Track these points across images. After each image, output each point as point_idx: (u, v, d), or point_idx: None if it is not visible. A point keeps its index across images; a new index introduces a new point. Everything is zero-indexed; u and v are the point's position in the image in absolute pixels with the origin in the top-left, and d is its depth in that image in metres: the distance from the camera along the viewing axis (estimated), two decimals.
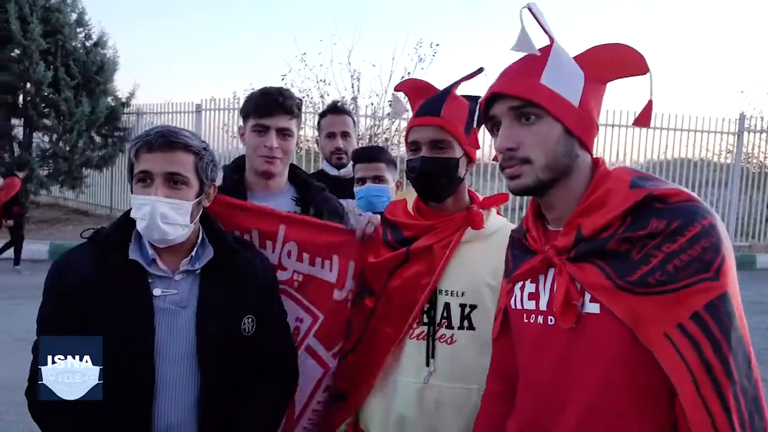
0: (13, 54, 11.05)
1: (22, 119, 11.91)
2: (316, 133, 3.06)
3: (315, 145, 2.23)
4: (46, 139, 12.28)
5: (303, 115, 2.09)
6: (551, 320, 1.15)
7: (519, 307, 1.25)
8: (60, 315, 1.42)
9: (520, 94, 1.14)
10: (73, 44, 11.93)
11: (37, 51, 10.97)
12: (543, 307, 1.18)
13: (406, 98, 1.78)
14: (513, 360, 1.32)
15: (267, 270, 1.68)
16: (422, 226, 1.72)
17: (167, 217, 1.41)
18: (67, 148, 11.82)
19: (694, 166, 11.48)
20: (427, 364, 1.67)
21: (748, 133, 11.63)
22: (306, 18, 31.21)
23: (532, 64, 1.14)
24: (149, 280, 1.46)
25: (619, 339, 1.05)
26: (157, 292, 1.45)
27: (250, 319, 1.55)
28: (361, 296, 1.81)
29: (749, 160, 12.17)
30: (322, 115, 2.98)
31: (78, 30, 12.25)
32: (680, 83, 44.17)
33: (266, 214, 1.83)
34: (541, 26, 1.13)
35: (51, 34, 11.42)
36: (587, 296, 1.09)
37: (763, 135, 11.89)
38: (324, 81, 12.48)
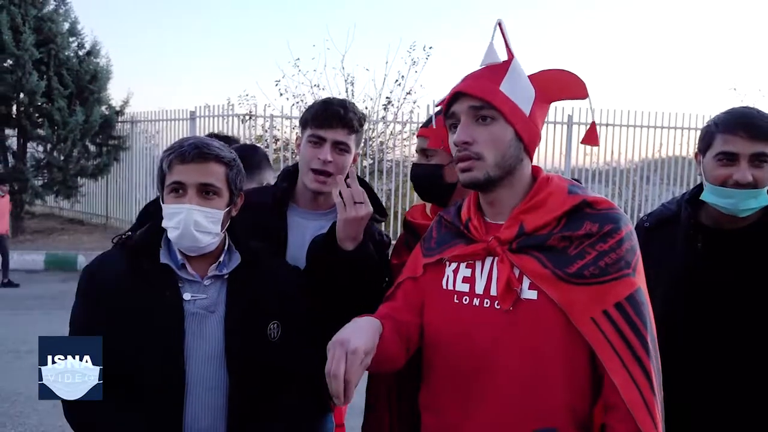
0: (5, 64, 11.02)
1: (16, 129, 11.88)
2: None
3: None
4: (41, 149, 12.26)
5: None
6: (487, 303, 1.28)
7: (450, 288, 1.36)
8: (92, 317, 1.46)
9: (480, 94, 1.26)
10: (66, 53, 11.90)
11: (30, 61, 10.95)
12: (479, 290, 1.30)
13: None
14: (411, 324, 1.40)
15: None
16: None
17: (200, 225, 1.45)
18: (62, 158, 11.80)
19: (689, 163, 11.49)
20: None
21: None
22: (298, 23, 31.29)
23: (494, 72, 1.28)
24: (179, 284, 1.49)
25: (555, 321, 1.22)
26: (187, 296, 1.48)
27: (275, 325, 1.56)
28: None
29: None
30: None
31: (71, 39, 12.23)
32: (674, 81, 44.41)
33: None
34: (506, 41, 1.27)
35: (44, 43, 11.40)
36: (525, 284, 1.25)
37: None
38: (318, 86, 12.47)
